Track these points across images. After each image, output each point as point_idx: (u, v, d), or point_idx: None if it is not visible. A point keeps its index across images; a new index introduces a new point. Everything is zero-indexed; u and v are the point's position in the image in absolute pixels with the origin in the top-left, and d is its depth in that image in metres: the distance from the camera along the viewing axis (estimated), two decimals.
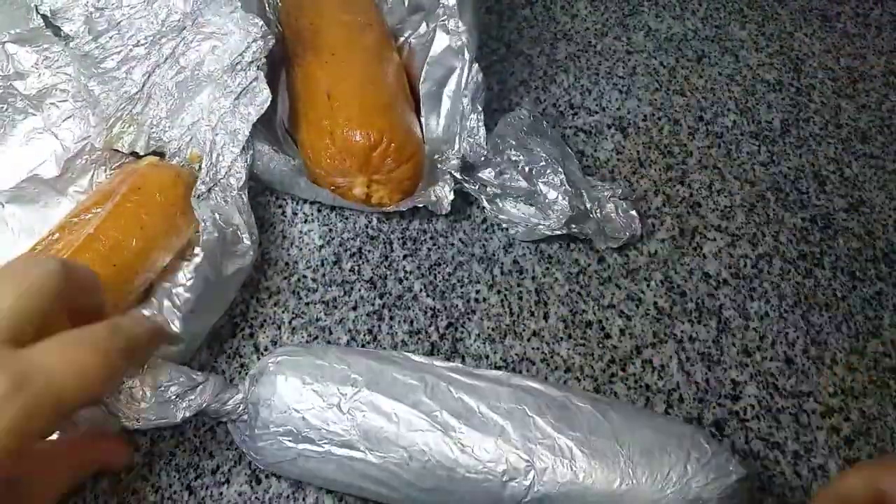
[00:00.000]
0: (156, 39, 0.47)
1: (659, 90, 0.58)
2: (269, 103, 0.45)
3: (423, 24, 0.51)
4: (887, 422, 0.44)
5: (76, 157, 0.46)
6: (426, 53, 0.49)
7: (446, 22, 0.48)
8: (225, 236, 0.41)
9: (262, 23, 0.45)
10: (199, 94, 0.46)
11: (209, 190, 0.43)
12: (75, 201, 0.46)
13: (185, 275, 0.40)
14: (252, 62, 0.45)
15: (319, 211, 0.48)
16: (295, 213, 0.48)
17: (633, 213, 0.48)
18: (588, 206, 0.47)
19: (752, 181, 0.53)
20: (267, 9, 0.52)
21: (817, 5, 0.65)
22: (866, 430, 0.43)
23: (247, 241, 0.42)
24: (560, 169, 0.47)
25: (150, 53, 0.47)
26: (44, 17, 0.49)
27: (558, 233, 0.47)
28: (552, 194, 0.46)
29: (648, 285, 0.47)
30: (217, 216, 0.42)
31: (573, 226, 0.46)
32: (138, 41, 0.48)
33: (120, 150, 0.47)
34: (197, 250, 0.40)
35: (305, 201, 0.49)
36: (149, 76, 0.47)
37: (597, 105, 0.56)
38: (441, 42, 0.49)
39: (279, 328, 0.43)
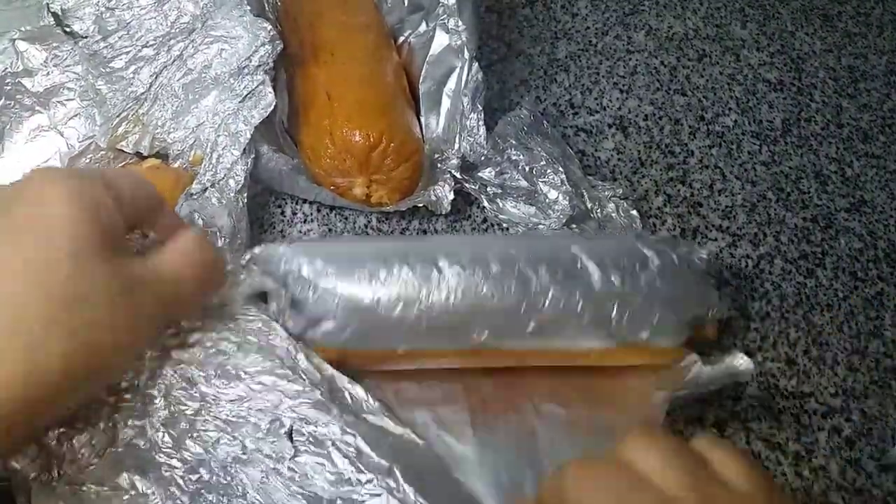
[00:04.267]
0: (164, 41, 0.46)
1: (660, 89, 0.56)
2: (272, 107, 0.43)
3: (423, 24, 0.50)
4: (889, 422, 0.42)
5: (80, 156, 0.45)
6: (426, 53, 0.47)
7: (446, 21, 0.47)
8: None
9: (270, 27, 0.44)
10: (206, 96, 0.45)
11: (204, 190, 0.42)
12: None
13: None
14: (259, 66, 0.44)
15: (319, 211, 0.47)
16: (294, 213, 0.47)
17: (634, 212, 0.46)
18: (588, 205, 0.46)
19: (753, 181, 0.52)
20: (266, 7, 0.51)
21: (818, 4, 0.63)
22: (868, 431, 0.41)
23: (224, 246, 0.40)
24: (560, 169, 0.45)
25: (159, 54, 0.46)
26: (54, 15, 0.48)
27: None
28: (553, 194, 0.45)
29: None
30: (195, 216, 0.40)
31: (574, 226, 0.45)
32: (147, 42, 0.46)
33: (124, 149, 0.45)
34: None
35: (305, 201, 0.47)
36: (156, 77, 0.46)
37: (597, 104, 0.55)
38: (441, 41, 0.47)
39: None
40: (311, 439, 0.32)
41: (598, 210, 0.46)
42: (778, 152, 0.53)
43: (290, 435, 0.32)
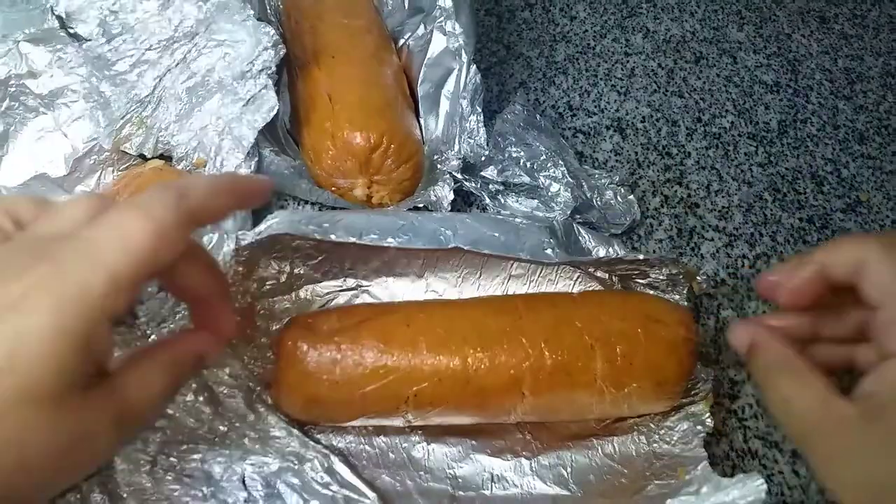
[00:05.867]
0: (168, 44, 0.46)
1: (657, 91, 0.56)
2: (275, 111, 0.43)
3: (421, 26, 0.50)
4: None
5: (84, 157, 0.45)
6: (424, 55, 0.47)
7: (443, 23, 0.47)
8: (210, 240, 0.39)
9: (273, 31, 0.44)
10: (209, 99, 0.45)
11: None
12: None
13: None
14: (262, 70, 0.44)
15: (321, 210, 0.47)
16: None
17: (632, 197, 0.47)
18: (588, 195, 0.46)
19: (749, 182, 0.51)
20: (268, 11, 0.51)
21: (815, 7, 0.63)
22: None
23: (230, 246, 0.39)
24: (560, 161, 0.45)
25: (162, 58, 0.46)
26: (59, 18, 0.48)
27: None
28: (555, 187, 0.45)
29: None
30: None
31: (577, 216, 0.45)
32: (151, 45, 0.46)
33: (128, 151, 0.45)
34: None
35: (307, 202, 0.47)
36: (160, 80, 0.46)
37: (595, 106, 0.55)
38: (438, 44, 0.47)
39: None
40: (262, 482, 0.33)
41: (598, 198, 0.46)
42: (774, 153, 0.53)
43: (242, 481, 0.33)
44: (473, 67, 0.45)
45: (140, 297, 0.37)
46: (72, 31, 0.47)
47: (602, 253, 0.38)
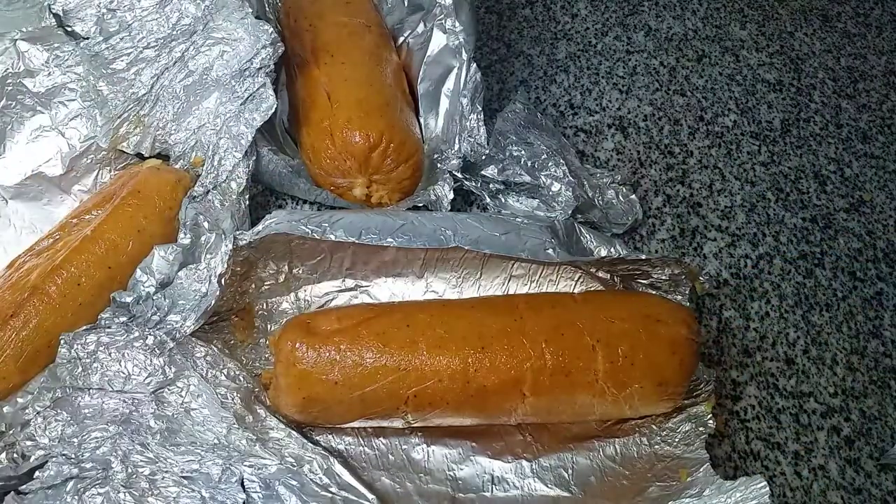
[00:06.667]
0: (166, 42, 0.46)
1: (659, 90, 0.56)
2: (273, 110, 0.43)
3: (421, 24, 0.49)
4: (888, 422, 0.42)
5: (81, 157, 0.44)
6: (423, 53, 0.47)
7: (443, 21, 0.46)
8: (208, 240, 0.40)
9: (271, 29, 0.43)
10: (207, 98, 0.45)
11: (207, 192, 0.41)
12: (79, 200, 0.44)
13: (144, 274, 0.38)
14: (260, 68, 0.44)
15: (319, 210, 0.47)
16: None
17: (633, 197, 0.46)
18: (590, 194, 0.45)
19: (752, 181, 0.51)
20: (267, 9, 0.51)
21: (818, 5, 0.62)
22: (867, 431, 0.41)
23: (228, 246, 0.39)
24: (561, 161, 0.45)
25: (160, 56, 0.46)
26: (56, 16, 0.47)
27: None
28: (556, 186, 0.45)
29: None
30: (200, 217, 0.40)
31: (579, 216, 0.45)
32: (148, 43, 0.46)
33: (125, 150, 0.45)
34: (161, 250, 0.38)
35: (305, 201, 0.47)
36: (157, 78, 0.46)
37: (597, 105, 0.54)
38: (438, 41, 0.47)
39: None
40: (261, 484, 0.33)
41: (600, 198, 0.46)
42: (777, 152, 0.53)
43: (241, 482, 0.33)
44: (474, 65, 0.45)
45: (137, 296, 0.36)
46: (69, 28, 0.47)
47: (604, 253, 0.38)
